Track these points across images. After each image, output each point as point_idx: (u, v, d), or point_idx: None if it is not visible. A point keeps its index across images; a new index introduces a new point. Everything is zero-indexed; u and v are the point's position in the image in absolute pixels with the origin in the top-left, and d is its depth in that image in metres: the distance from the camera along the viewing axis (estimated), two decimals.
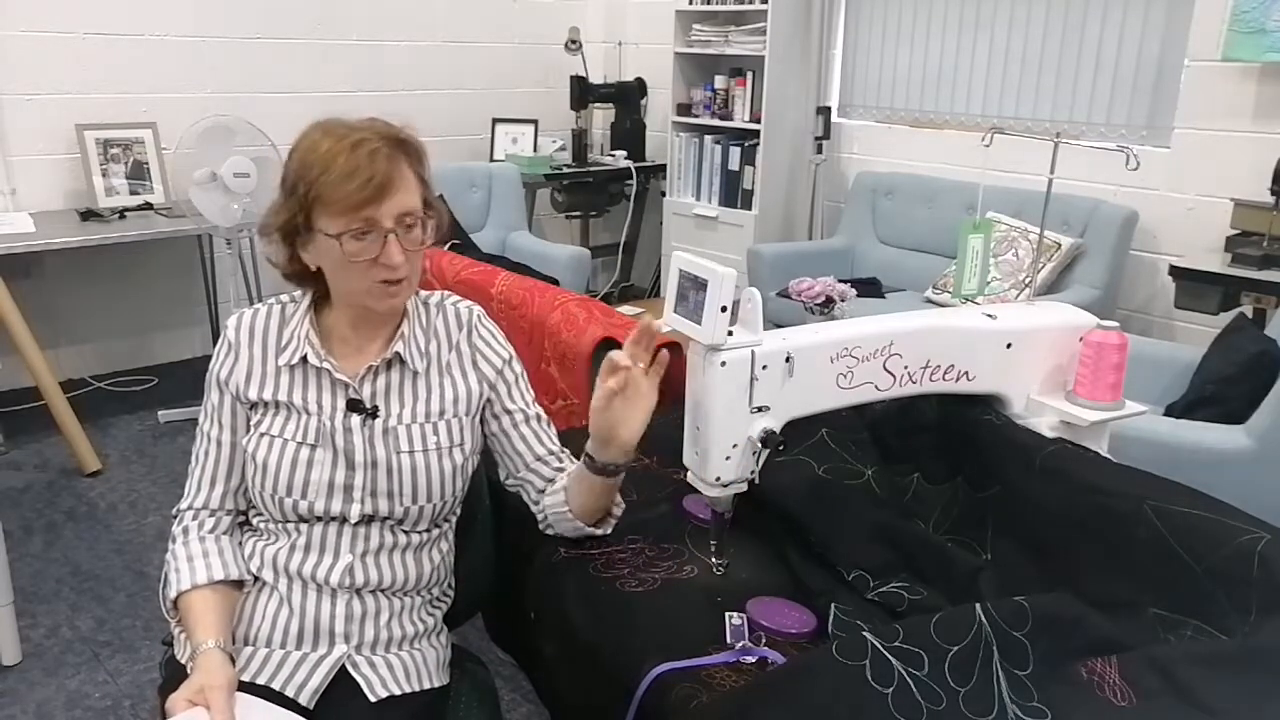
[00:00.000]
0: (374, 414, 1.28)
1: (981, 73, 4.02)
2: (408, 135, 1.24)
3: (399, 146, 1.22)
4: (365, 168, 1.17)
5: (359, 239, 1.19)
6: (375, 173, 1.17)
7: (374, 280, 1.22)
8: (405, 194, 1.21)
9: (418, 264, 1.26)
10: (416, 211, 1.22)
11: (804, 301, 2.87)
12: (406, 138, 1.24)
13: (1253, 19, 3.08)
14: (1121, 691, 0.98)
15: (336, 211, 1.18)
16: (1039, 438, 1.31)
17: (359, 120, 1.24)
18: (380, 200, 1.18)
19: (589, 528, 1.31)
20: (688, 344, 1.16)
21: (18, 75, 3.60)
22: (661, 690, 1.05)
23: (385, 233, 1.19)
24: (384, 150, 1.19)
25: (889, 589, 1.19)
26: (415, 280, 1.27)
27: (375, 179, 1.17)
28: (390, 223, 1.20)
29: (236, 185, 3.33)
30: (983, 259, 1.51)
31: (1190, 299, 3.05)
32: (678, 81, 4.71)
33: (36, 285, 3.72)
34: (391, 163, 1.19)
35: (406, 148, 1.23)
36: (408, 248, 1.22)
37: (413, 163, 1.24)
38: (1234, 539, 1.07)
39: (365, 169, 1.17)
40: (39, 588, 2.58)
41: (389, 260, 1.20)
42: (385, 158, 1.18)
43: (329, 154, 1.18)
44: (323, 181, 1.18)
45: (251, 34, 4.12)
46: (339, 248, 1.19)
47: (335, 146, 1.18)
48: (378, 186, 1.17)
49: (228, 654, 1.20)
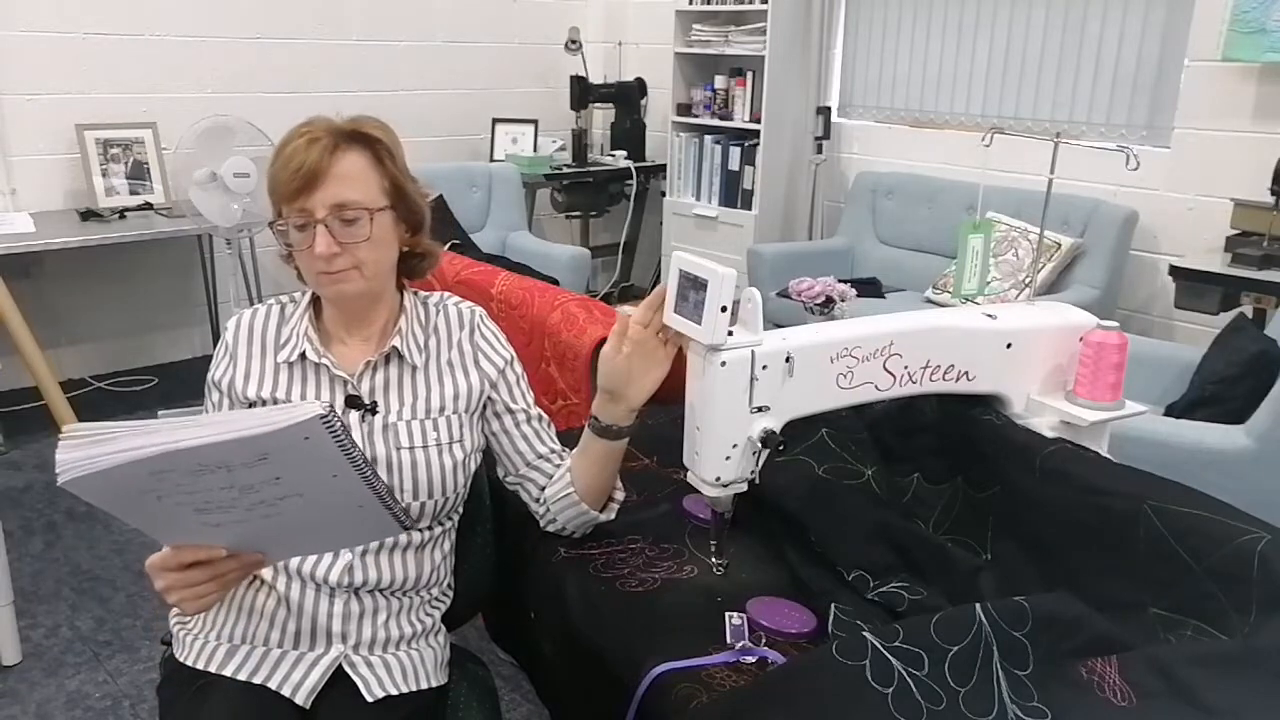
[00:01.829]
0: (373, 410, 1.28)
1: (981, 73, 4.02)
2: (365, 130, 1.25)
3: (350, 139, 1.23)
4: (299, 158, 1.19)
5: (300, 230, 1.22)
6: (306, 163, 1.19)
7: (316, 270, 1.23)
8: (342, 186, 1.21)
9: (368, 255, 1.23)
10: (356, 204, 1.21)
11: (804, 301, 2.86)
12: (361, 131, 1.24)
13: (1253, 19, 3.08)
14: (1121, 691, 0.98)
15: (277, 201, 1.22)
16: (1039, 438, 1.31)
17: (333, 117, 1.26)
18: (311, 190, 1.20)
19: (592, 511, 1.31)
20: (688, 344, 1.16)
21: (18, 75, 3.60)
22: (661, 690, 1.05)
23: (316, 222, 1.20)
24: (324, 142, 1.20)
25: (889, 589, 1.19)
26: (372, 271, 1.25)
27: (304, 169, 1.19)
28: (322, 212, 1.20)
29: (236, 185, 3.33)
30: (983, 259, 1.51)
31: (1190, 299, 3.05)
32: (678, 81, 4.71)
33: (36, 285, 3.72)
34: (329, 155, 1.20)
35: (359, 140, 1.23)
36: (344, 240, 1.21)
37: (369, 156, 1.24)
38: (1234, 539, 1.07)
39: (298, 159, 1.19)
40: (39, 588, 2.58)
41: (317, 250, 1.20)
42: (322, 149, 1.20)
43: (281, 146, 1.23)
44: (270, 173, 1.23)
45: (251, 34, 4.12)
46: (285, 237, 1.23)
47: (288, 140, 1.22)
48: (306, 176, 1.19)
49: None
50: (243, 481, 0.97)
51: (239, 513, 1.01)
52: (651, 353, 1.22)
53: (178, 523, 1.02)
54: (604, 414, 1.26)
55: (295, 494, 1.00)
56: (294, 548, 1.17)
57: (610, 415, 1.26)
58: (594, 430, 1.27)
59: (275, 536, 1.07)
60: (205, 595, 1.07)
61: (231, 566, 1.07)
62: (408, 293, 1.36)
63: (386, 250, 1.27)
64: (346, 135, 1.23)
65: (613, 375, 1.23)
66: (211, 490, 0.97)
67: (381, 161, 1.25)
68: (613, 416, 1.26)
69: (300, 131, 1.22)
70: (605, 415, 1.26)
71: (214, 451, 0.93)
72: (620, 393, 1.24)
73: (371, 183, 1.24)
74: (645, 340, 1.21)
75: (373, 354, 1.30)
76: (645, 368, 1.22)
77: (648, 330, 1.21)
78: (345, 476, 0.99)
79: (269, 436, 0.92)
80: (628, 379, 1.23)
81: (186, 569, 1.05)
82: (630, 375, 1.22)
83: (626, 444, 1.29)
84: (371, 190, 1.24)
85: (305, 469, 0.97)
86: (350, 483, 0.99)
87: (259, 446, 0.93)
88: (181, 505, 0.98)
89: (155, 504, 0.98)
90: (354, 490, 1.00)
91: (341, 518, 1.06)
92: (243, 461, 0.94)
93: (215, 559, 1.05)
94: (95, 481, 0.92)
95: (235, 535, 1.05)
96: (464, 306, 1.38)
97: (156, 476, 0.94)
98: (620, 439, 1.28)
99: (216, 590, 1.08)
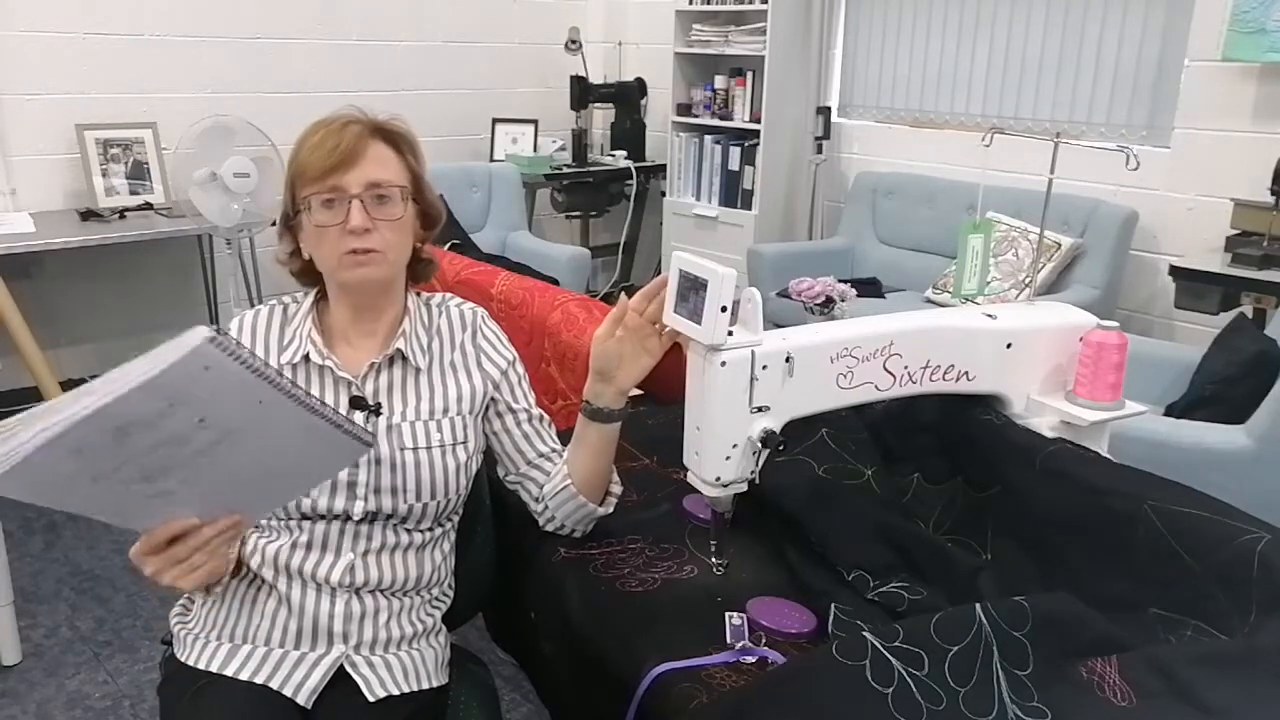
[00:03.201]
0: (377, 411, 1.28)
1: (981, 73, 4.02)
2: (393, 125, 1.29)
3: (378, 130, 1.27)
4: (334, 138, 1.23)
5: (328, 207, 1.23)
6: (342, 141, 1.22)
7: (343, 250, 1.24)
8: (376, 166, 1.24)
9: (394, 240, 1.26)
10: (390, 183, 1.25)
11: (804, 301, 2.86)
12: (390, 126, 1.29)
13: (1253, 19, 3.08)
14: (1121, 691, 0.98)
15: (308, 180, 1.24)
16: (1039, 438, 1.31)
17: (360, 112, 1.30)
18: (347, 168, 1.22)
19: (590, 504, 1.31)
20: (688, 344, 1.16)
21: (18, 75, 3.60)
22: (661, 690, 1.05)
23: (350, 198, 1.22)
24: (358, 129, 1.25)
25: (889, 589, 1.19)
26: (395, 258, 1.27)
27: (341, 147, 1.22)
28: (357, 189, 1.23)
29: (236, 185, 3.33)
30: (983, 259, 1.51)
31: (1190, 299, 3.05)
32: (678, 81, 4.71)
33: (36, 285, 3.72)
34: (363, 139, 1.24)
35: (388, 133, 1.28)
36: (377, 217, 1.23)
37: (395, 148, 1.28)
38: (1234, 539, 1.07)
39: (334, 139, 1.23)
40: (39, 588, 2.58)
41: (351, 224, 1.22)
42: (356, 134, 1.24)
43: (310, 133, 1.26)
44: (300, 157, 1.25)
45: (251, 34, 4.12)
46: (310, 217, 1.24)
47: (318, 128, 1.26)
48: (344, 154, 1.22)
49: None
50: (169, 435, 0.91)
51: (184, 472, 0.96)
52: (644, 339, 1.24)
53: (132, 503, 0.98)
54: (595, 397, 1.28)
55: (228, 435, 0.94)
56: (266, 499, 1.11)
57: (601, 398, 1.28)
58: (586, 414, 1.29)
59: (237, 491, 1.03)
60: (198, 567, 1.06)
61: (212, 534, 1.05)
62: (411, 294, 1.36)
63: (407, 239, 1.30)
64: (375, 128, 1.27)
65: (603, 357, 1.26)
66: (144, 455, 0.91)
67: (405, 157, 1.29)
68: (604, 399, 1.28)
69: (333, 118, 1.26)
70: (596, 398, 1.28)
71: (121, 409, 0.86)
72: (610, 375, 1.26)
73: (401, 171, 1.28)
74: (640, 327, 1.23)
75: (377, 356, 1.30)
76: (636, 354, 1.25)
77: (643, 317, 1.22)
78: (272, 402, 0.91)
79: (164, 377, 0.85)
80: (619, 362, 1.25)
81: (167, 547, 1.04)
82: (621, 359, 1.25)
83: (619, 430, 1.30)
84: (402, 176, 1.28)
85: (224, 404, 0.91)
86: (281, 408, 0.92)
87: (161, 391, 0.86)
88: (125, 482, 0.94)
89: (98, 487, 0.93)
90: (290, 416, 0.93)
91: (295, 450, 1.00)
92: (156, 412, 0.88)
93: (190, 530, 1.04)
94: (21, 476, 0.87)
95: (196, 500, 1.01)
96: (466, 308, 1.39)
97: (79, 455, 0.88)
98: (612, 423, 1.29)
99: (206, 559, 1.07)
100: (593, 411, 1.28)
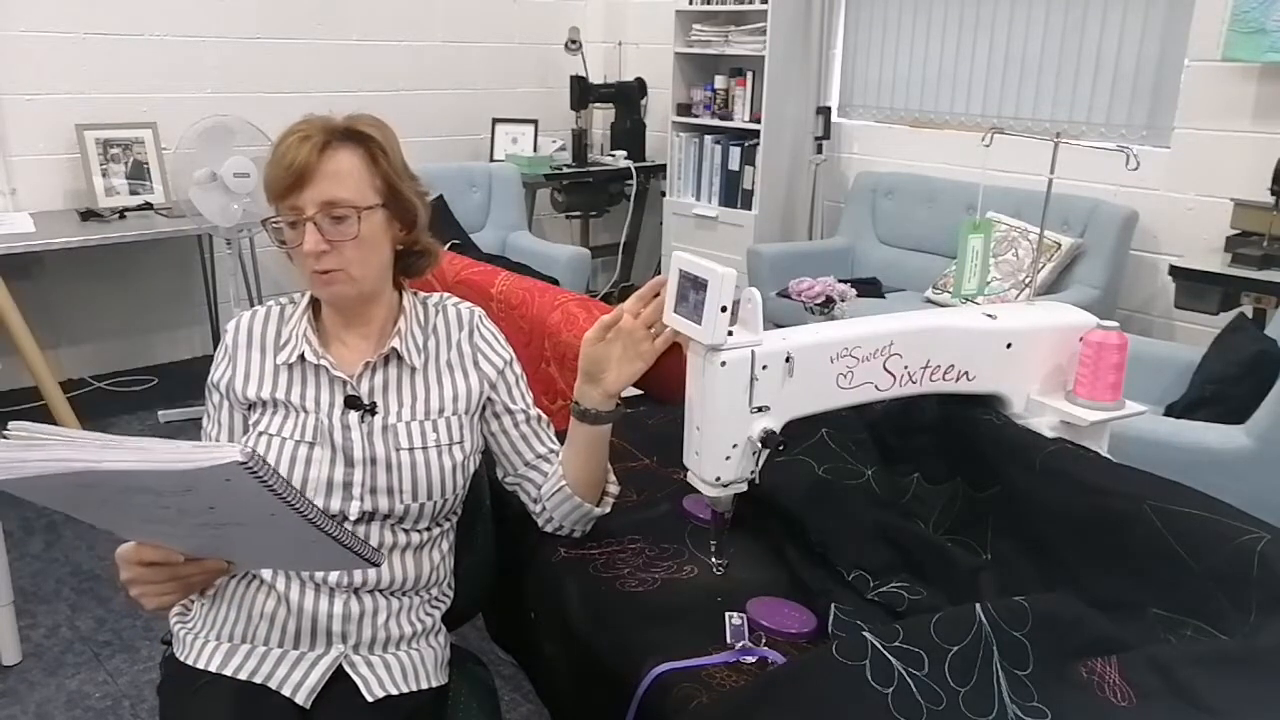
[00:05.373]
0: (372, 411, 1.28)
1: (981, 73, 4.02)
2: (359, 127, 1.25)
3: (343, 137, 1.23)
4: (290, 155, 1.20)
5: (292, 227, 1.22)
6: (296, 160, 1.19)
7: (309, 270, 1.23)
8: (331, 184, 1.21)
9: (356, 256, 1.23)
10: (345, 202, 1.21)
11: (804, 301, 2.87)
12: (355, 129, 1.24)
13: (1253, 19, 3.08)
14: (1121, 691, 0.98)
15: (270, 199, 1.23)
16: (1039, 438, 1.31)
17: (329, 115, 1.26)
18: (300, 187, 1.20)
19: (586, 504, 1.31)
20: (688, 344, 1.16)
21: (18, 75, 3.60)
22: (661, 690, 1.05)
23: (304, 220, 1.20)
24: (316, 140, 1.21)
25: (889, 589, 1.19)
26: (361, 273, 1.25)
27: (295, 166, 1.19)
28: (312, 209, 1.20)
29: (236, 185, 3.33)
30: (983, 259, 1.51)
31: (1190, 299, 3.05)
32: (678, 81, 4.71)
33: (36, 285, 3.72)
34: (319, 153, 1.20)
35: (352, 138, 1.24)
36: (333, 238, 1.21)
37: (362, 154, 1.24)
38: (1234, 539, 1.07)
39: (290, 156, 1.20)
40: (39, 588, 2.58)
41: (305, 248, 1.21)
42: (313, 147, 1.20)
43: (278, 143, 1.23)
44: (266, 171, 1.23)
45: (251, 34, 4.12)
46: (278, 235, 1.23)
47: (283, 138, 1.23)
48: (296, 174, 1.19)
49: None
50: (177, 505, 0.92)
51: (185, 529, 0.97)
52: (637, 344, 1.23)
53: (128, 524, 1.00)
54: (583, 397, 1.27)
55: (235, 523, 0.96)
56: (259, 560, 1.14)
57: (589, 399, 1.27)
58: (575, 414, 1.28)
59: (232, 552, 1.05)
60: (165, 595, 1.07)
61: (193, 570, 1.06)
62: (407, 293, 1.36)
63: (376, 251, 1.27)
64: (340, 133, 1.23)
65: (591, 359, 1.25)
66: (148, 507, 0.93)
67: (375, 160, 1.25)
68: (591, 401, 1.27)
69: (294, 129, 1.23)
70: (584, 399, 1.27)
71: (135, 478, 0.88)
72: (597, 377, 1.25)
73: (363, 181, 1.24)
74: (634, 331, 1.22)
75: (372, 355, 1.30)
76: (627, 358, 1.24)
77: (638, 321, 1.22)
78: (285, 516, 0.92)
79: (187, 474, 0.86)
80: (606, 365, 1.24)
81: (148, 566, 1.05)
82: (609, 362, 1.24)
83: (610, 431, 1.30)
84: (362, 189, 1.23)
85: (238, 505, 0.92)
86: (293, 522, 0.93)
87: (180, 480, 0.87)
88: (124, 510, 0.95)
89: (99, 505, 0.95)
90: (300, 529, 0.94)
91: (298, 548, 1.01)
92: (170, 489, 0.89)
93: (173, 563, 1.05)
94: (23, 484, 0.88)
95: (191, 545, 1.03)
96: (463, 307, 1.38)
97: (86, 489, 0.90)
98: (600, 424, 1.28)
99: (177, 592, 1.07)
100: (580, 412, 1.28)
